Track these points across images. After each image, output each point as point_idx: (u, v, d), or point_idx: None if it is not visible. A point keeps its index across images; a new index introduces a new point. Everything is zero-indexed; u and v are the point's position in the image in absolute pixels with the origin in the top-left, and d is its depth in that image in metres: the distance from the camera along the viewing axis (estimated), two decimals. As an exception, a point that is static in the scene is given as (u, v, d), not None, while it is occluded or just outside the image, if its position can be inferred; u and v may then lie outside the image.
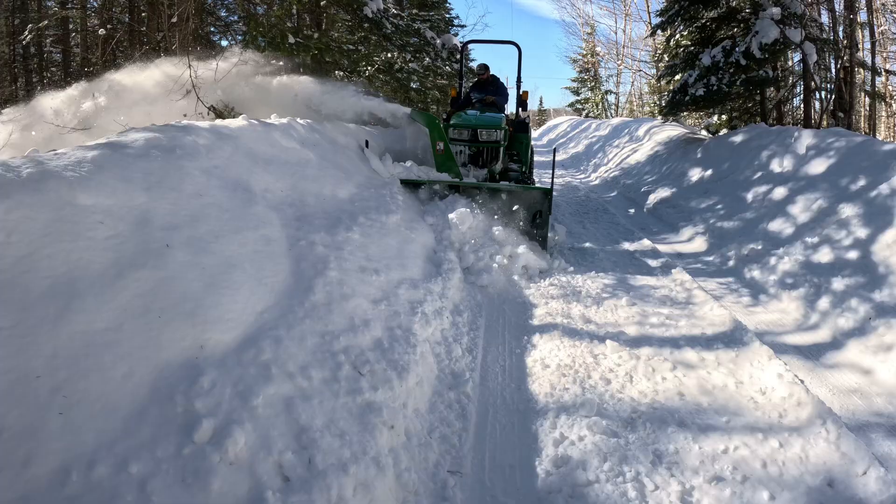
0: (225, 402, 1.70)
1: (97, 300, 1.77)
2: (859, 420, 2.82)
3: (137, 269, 1.94)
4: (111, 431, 1.53)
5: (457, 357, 2.97)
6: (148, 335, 1.80)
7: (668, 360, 3.21)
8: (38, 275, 1.71)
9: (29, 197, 1.82)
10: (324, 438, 1.75)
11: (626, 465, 2.28)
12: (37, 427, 1.45)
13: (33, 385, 1.50)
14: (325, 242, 2.96)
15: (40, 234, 1.79)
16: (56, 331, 1.63)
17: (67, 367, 1.58)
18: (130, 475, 1.44)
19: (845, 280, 4.05)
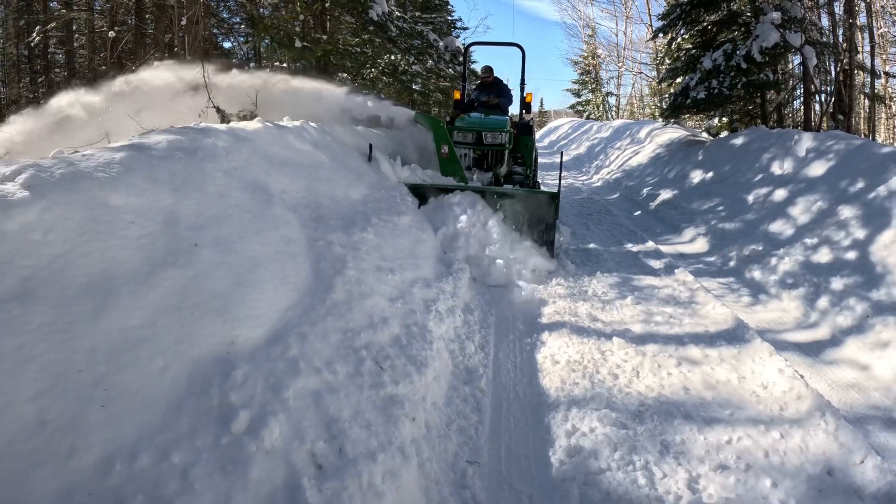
0: (258, 395, 1.79)
1: (132, 297, 1.85)
2: (857, 413, 2.91)
3: (168, 268, 2.03)
4: (151, 423, 1.60)
5: (470, 353, 3.06)
6: (181, 331, 1.88)
7: (673, 357, 3.30)
8: (75, 272, 1.79)
9: (64, 197, 1.90)
10: (352, 429, 1.84)
11: (635, 454, 2.36)
12: (79, 420, 1.52)
13: (74, 379, 1.58)
14: (342, 242, 3.05)
15: (76, 233, 1.87)
16: (94, 327, 1.71)
17: (106, 362, 1.66)
18: (172, 465, 1.52)
19: (844, 280, 4.14)
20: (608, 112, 31.68)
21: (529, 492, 2.17)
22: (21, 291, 1.58)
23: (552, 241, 5.04)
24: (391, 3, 11.50)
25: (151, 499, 1.41)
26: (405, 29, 10.70)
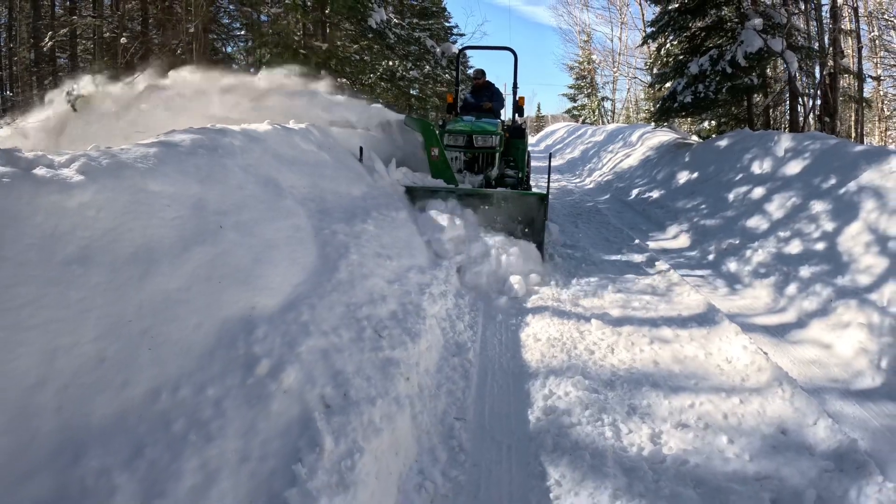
0: (276, 348, 2.11)
1: (170, 266, 2.18)
2: (816, 385, 3.21)
3: (199, 245, 2.35)
4: (189, 366, 1.93)
5: (459, 331, 3.38)
6: (211, 296, 2.20)
7: (647, 336, 3.63)
8: (123, 244, 2.11)
9: (111, 182, 2.23)
10: (355, 380, 2.16)
11: (604, 413, 2.69)
12: (131, 359, 1.85)
13: (126, 327, 1.91)
14: (345, 232, 3.38)
15: (122, 212, 2.19)
16: (141, 288, 2.04)
17: (152, 316, 1.99)
18: (208, 397, 1.85)
19: (811, 268, 4.47)
20: (604, 116, 32.14)
21: (509, 442, 2.48)
22: (81, 256, 1.91)
23: (541, 242, 5.07)
24: (389, 10, 11.89)
25: (191, 421, 1.73)
26: (403, 36, 11.07)
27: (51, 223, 1.88)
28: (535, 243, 5.01)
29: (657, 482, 2.27)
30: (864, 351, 3.42)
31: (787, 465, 2.43)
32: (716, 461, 2.42)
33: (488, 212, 5.08)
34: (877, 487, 2.19)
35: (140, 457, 1.59)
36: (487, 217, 5.06)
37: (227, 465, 1.65)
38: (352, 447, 1.85)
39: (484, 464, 2.32)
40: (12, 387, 1.53)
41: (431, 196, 5.14)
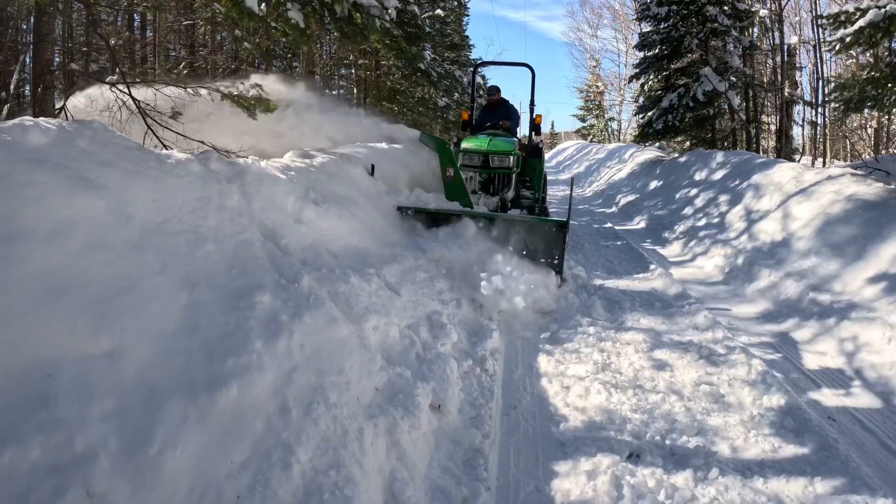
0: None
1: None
2: (687, 280, 6.01)
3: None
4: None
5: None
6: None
7: (614, 276, 6.48)
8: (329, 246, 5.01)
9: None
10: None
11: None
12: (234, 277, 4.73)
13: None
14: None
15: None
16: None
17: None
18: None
19: (706, 231, 7.35)
20: (610, 136, 35.13)
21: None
22: (311, 248, 4.77)
23: (560, 270, 4.91)
24: (430, 51, 14.98)
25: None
26: (442, 73, 14.14)
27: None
28: (556, 272, 4.85)
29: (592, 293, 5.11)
30: (717, 266, 6.29)
31: (655, 299, 5.26)
32: (617, 293, 5.27)
33: (504, 237, 4.90)
34: (693, 304, 4.97)
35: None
36: (503, 242, 4.87)
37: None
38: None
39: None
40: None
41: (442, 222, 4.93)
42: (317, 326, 2.29)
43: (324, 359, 2.19)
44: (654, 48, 13.10)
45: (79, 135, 2.43)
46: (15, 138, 2.14)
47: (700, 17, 11.88)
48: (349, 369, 2.25)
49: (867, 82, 5.87)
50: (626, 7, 30.82)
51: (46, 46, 5.58)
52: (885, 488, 2.46)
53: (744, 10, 12.01)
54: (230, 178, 3.07)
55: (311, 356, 2.14)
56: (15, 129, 2.18)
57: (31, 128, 2.22)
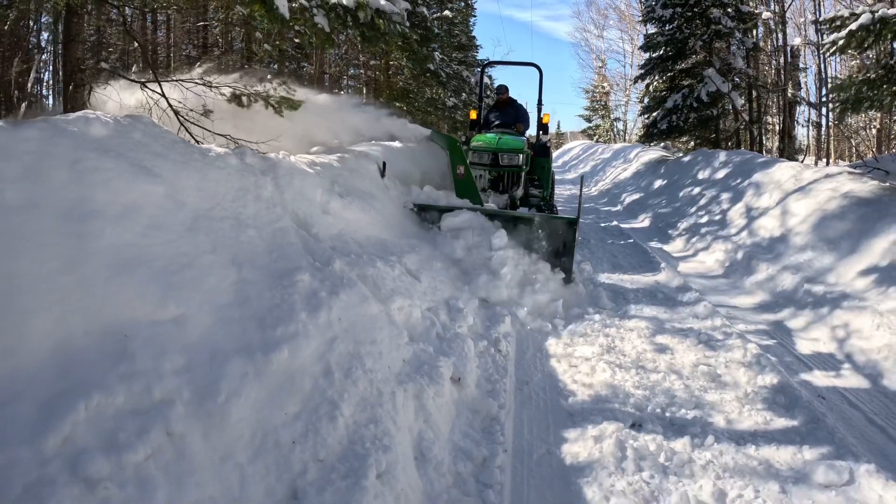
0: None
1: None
2: (689, 274, 6.23)
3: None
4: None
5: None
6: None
7: (621, 271, 6.70)
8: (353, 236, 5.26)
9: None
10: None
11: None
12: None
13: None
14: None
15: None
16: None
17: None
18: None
19: (708, 228, 7.56)
20: (616, 136, 35.28)
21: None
22: (338, 237, 4.99)
23: (569, 269, 4.87)
24: (439, 52, 15.22)
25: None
26: (450, 73, 14.38)
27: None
28: (563, 271, 4.87)
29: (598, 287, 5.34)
30: (717, 261, 6.51)
31: (657, 291, 5.47)
32: (621, 286, 5.49)
33: (514, 234, 4.93)
34: (693, 295, 5.18)
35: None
36: (513, 239, 4.90)
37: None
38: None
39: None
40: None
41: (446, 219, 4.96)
42: (351, 303, 2.54)
43: (358, 331, 2.43)
44: (659, 49, 13.30)
45: (132, 128, 2.68)
46: (80, 129, 2.39)
47: (704, 19, 12.09)
48: (380, 341, 2.49)
49: (863, 83, 6.08)
50: (631, 8, 31.04)
51: (77, 46, 5.84)
52: (868, 455, 2.68)
53: (747, 13, 12.20)
54: (264, 171, 3.32)
55: (347, 328, 2.38)
56: (80, 121, 2.43)
57: (93, 120, 2.47)
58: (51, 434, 1.39)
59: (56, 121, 2.35)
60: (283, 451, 1.72)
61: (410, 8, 9.08)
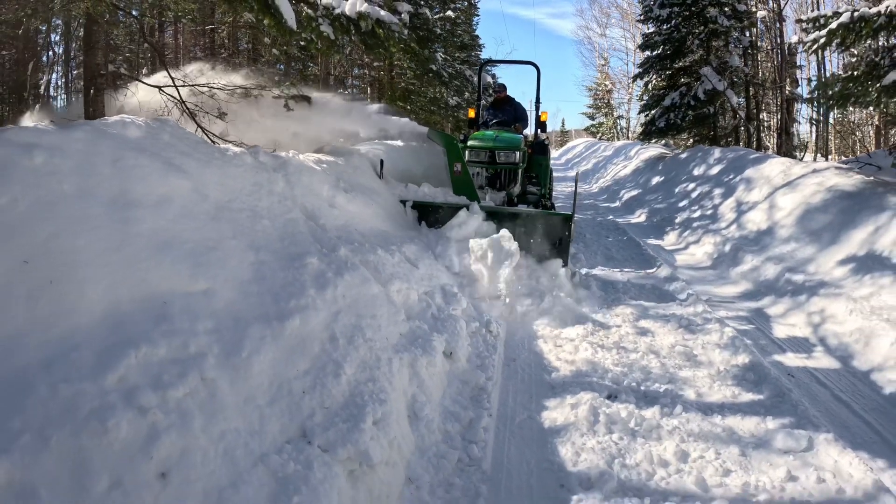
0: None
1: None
2: (679, 266, 6.52)
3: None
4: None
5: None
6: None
7: (618, 269, 7.00)
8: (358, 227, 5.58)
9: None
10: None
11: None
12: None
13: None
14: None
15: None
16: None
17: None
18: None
19: (700, 222, 7.83)
20: (619, 134, 35.44)
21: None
22: (343, 228, 5.34)
23: (565, 264, 4.97)
24: (441, 52, 15.52)
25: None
26: (452, 73, 14.68)
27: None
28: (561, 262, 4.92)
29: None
30: (706, 253, 6.79)
31: (646, 281, 5.75)
32: (612, 275, 5.79)
33: (511, 230, 4.83)
34: (679, 284, 5.47)
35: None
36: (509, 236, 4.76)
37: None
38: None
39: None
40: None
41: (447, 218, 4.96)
42: (354, 283, 2.87)
43: (360, 307, 2.76)
44: (657, 48, 13.55)
45: (161, 130, 3.02)
46: (119, 131, 2.74)
47: (701, 19, 12.32)
48: (380, 317, 2.82)
49: (848, 80, 6.33)
50: (633, 6, 31.19)
51: (96, 53, 6.23)
52: (828, 425, 2.97)
53: (743, 11, 12.42)
54: (276, 168, 3.66)
55: (350, 304, 2.71)
56: (117, 125, 2.78)
57: (129, 123, 2.81)
58: (109, 373, 1.73)
59: (98, 124, 2.70)
60: (294, 399, 2.05)
61: (413, 10, 9.39)
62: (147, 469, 1.56)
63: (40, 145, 2.32)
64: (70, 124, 2.64)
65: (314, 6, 4.42)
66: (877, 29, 5.43)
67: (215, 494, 1.60)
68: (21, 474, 1.45)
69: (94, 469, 1.51)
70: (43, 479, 1.47)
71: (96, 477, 1.50)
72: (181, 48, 15.42)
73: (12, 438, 1.51)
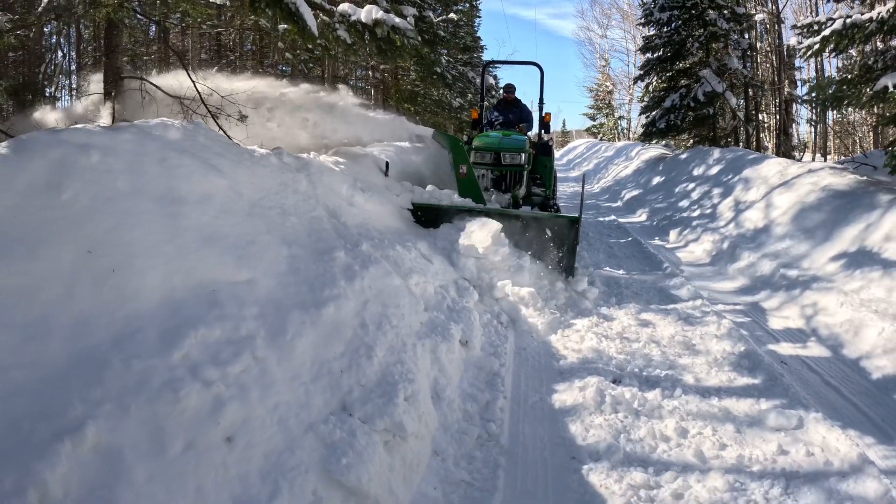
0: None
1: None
2: (679, 263, 6.74)
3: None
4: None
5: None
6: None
7: (621, 271, 7.23)
8: (376, 225, 5.80)
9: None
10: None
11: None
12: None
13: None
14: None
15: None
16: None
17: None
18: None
19: (699, 221, 8.06)
20: (620, 134, 35.69)
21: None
22: (362, 225, 5.54)
23: (571, 267, 4.97)
24: (445, 55, 15.76)
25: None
26: (456, 75, 14.91)
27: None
28: (565, 270, 4.96)
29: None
30: (705, 251, 7.02)
31: (652, 273, 5.99)
32: (614, 272, 6.02)
33: (517, 233, 4.97)
34: (679, 280, 5.69)
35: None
36: (516, 238, 4.94)
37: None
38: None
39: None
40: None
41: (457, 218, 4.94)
42: (378, 275, 3.09)
43: (385, 297, 2.98)
44: (658, 51, 13.78)
45: (196, 132, 3.24)
46: (161, 133, 2.96)
47: (701, 21, 12.55)
48: (402, 306, 3.05)
49: (841, 83, 6.56)
50: (634, 8, 31.41)
51: (117, 56, 6.45)
52: (817, 406, 3.19)
53: (742, 14, 12.65)
54: (298, 168, 3.88)
55: (376, 294, 2.94)
56: (159, 127, 3.00)
57: (169, 126, 3.03)
58: (174, 351, 1.95)
59: (142, 125, 2.92)
60: (334, 377, 2.27)
61: (417, 13, 9.60)
62: (215, 434, 1.78)
63: (95, 146, 2.54)
64: (116, 126, 2.86)
65: (330, 13, 4.63)
66: (868, 35, 5.65)
67: (274, 457, 1.82)
68: (107, 437, 1.67)
69: (169, 433, 1.73)
70: (126, 441, 1.69)
71: (172, 440, 1.72)
72: (189, 50, 15.64)
73: (96, 406, 1.73)
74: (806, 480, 2.49)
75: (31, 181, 2.32)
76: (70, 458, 1.55)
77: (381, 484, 1.97)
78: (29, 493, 1.46)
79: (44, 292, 2.05)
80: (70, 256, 2.17)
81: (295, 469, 1.80)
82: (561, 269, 4.99)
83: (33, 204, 2.26)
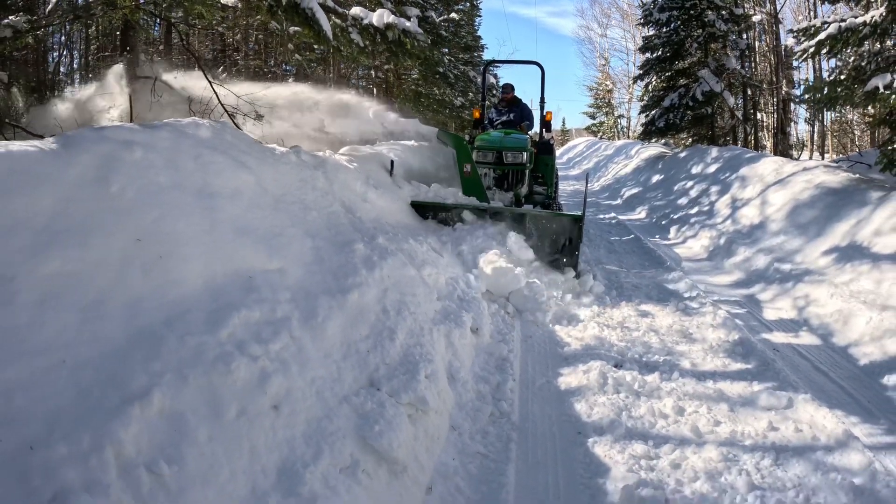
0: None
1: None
2: (682, 259, 6.96)
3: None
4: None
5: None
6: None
7: (610, 252, 7.44)
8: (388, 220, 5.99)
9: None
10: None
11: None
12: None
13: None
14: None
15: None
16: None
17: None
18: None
19: (697, 218, 8.28)
20: (619, 133, 35.90)
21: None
22: (376, 220, 5.73)
23: (575, 265, 5.06)
24: (446, 55, 15.93)
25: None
26: (457, 74, 15.10)
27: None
28: (571, 266, 5.06)
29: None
30: (703, 246, 7.25)
31: (651, 268, 6.21)
32: (614, 266, 6.24)
33: (521, 231, 5.09)
34: (677, 274, 5.91)
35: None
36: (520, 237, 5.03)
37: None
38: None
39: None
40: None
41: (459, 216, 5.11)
42: (395, 266, 3.30)
43: (402, 286, 3.20)
44: (657, 51, 13.99)
45: (223, 131, 3.45)
46: (193, 132, 3.16)
47: (699, 22, 12.76)
48: (418, 295, 3.26)
49: (835, 84, 6.77)
50: (633, 8, 31.59)
51: (134, 58, 6.66)
52: (806, 388, 3.40)
53: (741, 15, 12.86)
54: (316, 166, 4.09)
55: (395, 283, 3.15)
56: (191, 126, 3.20)
57: (200, 125, 3.24)
58: (222, 329, 2.15)
59: (175, 124, 3.12)
60: (361, 356, 2.49)
61: (420, 14, 9.78)
62: (263, 402, 1.99)
63: (137, 142, 2.74)
64: (153, 123, 3.06)
65: (343, 17, 4.84)
66: (862, 38, 5.87)
67: (315, 423, 2.03)
68: (170, 403, 1.88)
69: (224, 400, 1.94)
70: (187, 407, 1.89)
71: (227, 406, 1.93)
72: (196, 50, 15.83)
73: (158, 376, 1.94)
74: (795, 453, 2.71)
75: (81, 175, 2.52)
76: (139, 420, 1.76)
77: (408, 452, 2.19)
78: (106, 450, 1.67)
79: (98, 277, 2.25)
80: (120, 245, 2.38)
81: (334, 434, 2.01)
82: (564, 265, 5.19)
83: (83, 196, 2.46)
